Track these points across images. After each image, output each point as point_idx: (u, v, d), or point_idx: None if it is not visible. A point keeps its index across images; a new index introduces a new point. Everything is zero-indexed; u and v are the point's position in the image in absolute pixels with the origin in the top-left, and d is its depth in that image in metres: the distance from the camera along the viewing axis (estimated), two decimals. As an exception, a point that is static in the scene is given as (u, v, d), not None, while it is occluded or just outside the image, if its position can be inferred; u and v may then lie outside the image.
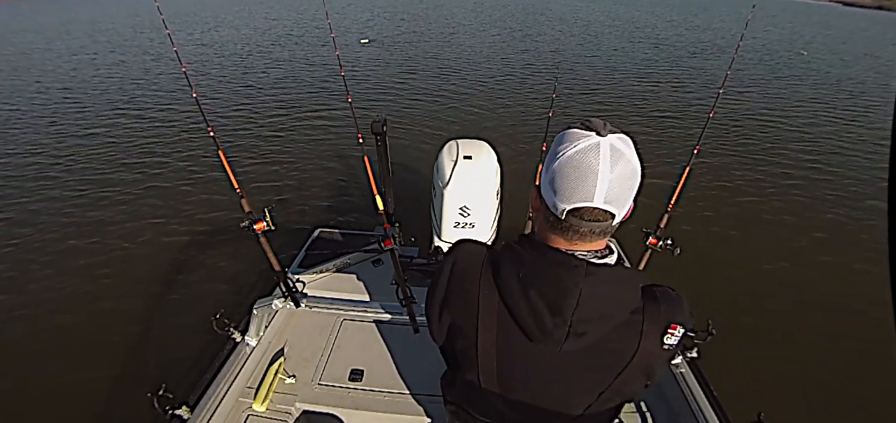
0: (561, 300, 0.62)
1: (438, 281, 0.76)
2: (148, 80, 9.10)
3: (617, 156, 0.58)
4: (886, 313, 0.36)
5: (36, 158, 5.51)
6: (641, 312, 0.66)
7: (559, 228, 0.63)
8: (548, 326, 0.64)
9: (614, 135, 0.59)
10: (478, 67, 9.85)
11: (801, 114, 7.36)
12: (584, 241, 0.64)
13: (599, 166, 0.57)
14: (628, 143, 0.60)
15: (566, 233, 0.63)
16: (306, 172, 4.98)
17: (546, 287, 0.63)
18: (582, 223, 0.61)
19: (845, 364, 2.69)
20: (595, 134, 0.58)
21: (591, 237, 0.63)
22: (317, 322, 1.78)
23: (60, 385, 2.55)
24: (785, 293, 3.29)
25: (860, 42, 15.71)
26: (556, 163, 0.60)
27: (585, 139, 0.58)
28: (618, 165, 0.58)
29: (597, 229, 0.62)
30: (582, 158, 0.58)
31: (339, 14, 18.38)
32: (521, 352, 0.69)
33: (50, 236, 3.90)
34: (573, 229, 0.62)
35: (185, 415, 1.36)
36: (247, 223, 1.61)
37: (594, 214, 0.59)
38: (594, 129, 0.59)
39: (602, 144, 0.57)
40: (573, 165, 0.58)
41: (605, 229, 0.62)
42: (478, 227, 1.98)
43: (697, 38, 14.78)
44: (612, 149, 0.58)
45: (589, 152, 0.58)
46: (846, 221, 4.24)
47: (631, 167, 0.59)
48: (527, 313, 0.65)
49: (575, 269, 0.62)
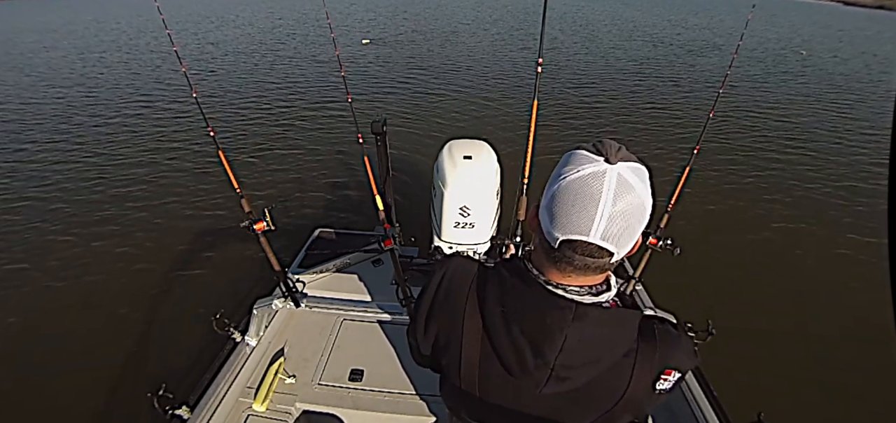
0: (543, 343, 0.58)
1: (424, 295, 0.73)
2: (148, 80, 9.10)
3: (624, 188, 0.51)
4: (886, 313, 0.36)
5: (36, 158, 5.51)
6: (634, 354, 0.61)
7: (552, 257, 0.57)
8: (528, 366, 0.60)
9: (626, 163, 0.52)
10: (478, 67, 9.85)
11: (802, 114, 7.36)
12: (578, 274, 0.58)
13: (601, 198, 0.51)
14: (641, 174, 0.53)
15: (559, 264, 0.57)
16: (306, 172, 4.98)
17: (529, 326, 0.59)
18: (575, 257, 0.55)
19: (845, 364, 2.69)
20: (603, 160, 0.52)
21: (586, 272, 0.57)
22: (317, 322, 1.78)
23: (60, 385, 2.55)
24: (785, 293, 3.29)
25: (861, 42, 15.71)
26: (556, 186, 0.55)
27: (591, 164, 0.52)
28: (623, 198, 0.51)
29: (592, 265, 0.56)
30: (583, 185, 0.52)
31: (340, 14, 18.38)
32: (502, 383, 0.65)
33: (49, 235, 3.90)
34: (566, 261, 0.56)
35: (185, 415, 1.36)
36: (247, 223, 1.62)
37: (589, 249, 0.53)
38: (604, 153, 0.52)
39: (608, 173, 0.51)
40: (573, 192, 0.52)
41: (602, 266, 0.56)
42: (478, 227, 1.98)
43: (697, 37, 14.78)
44: (620, 179, 0.51)
45: (592, 180, 0.51)
46: (846, 220, 4.24)
47: (638, 203, 0.52)
48: (508, 349, 0.61)
49: (562, 311, 0.57)
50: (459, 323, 0.66)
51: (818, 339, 2.90)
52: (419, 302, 0.74)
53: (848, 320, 2.98)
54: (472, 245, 2.04)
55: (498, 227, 2.12)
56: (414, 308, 0.77)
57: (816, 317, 3.08)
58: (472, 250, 2.07)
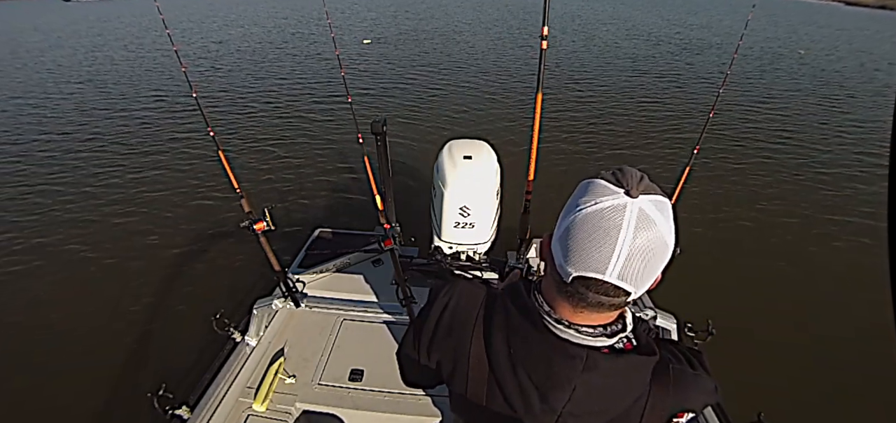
0: (550, 391, 0.55)
1: (427, 321, 0.69)
2: (148, 80, 9.10)
3: (644, 225, 0.47)
4: (886, 313, 0.36)
5: (35, 158, 5.51)
6: (645, 398, 0.58)
7: (564, 292, 0.53)
8: (535, 411, 0.57)
9: (648, 197, 0.48)
10: (478, 67, 9.85)
11: (802, 113, 7.36)
12: (592, 312, 0.54)
13: (620, 235, 0.47)
14: (664, 209, 0.49)
15: (571, 299, 0.53)
16: (306, 172, 4.98)
17: (536, 371, 0.56)
18: (589, 294, 0.51)
19: (845, 364, 2.69)
20: (623, 192, 0.48)
21: (601, 310, 0.53)
22: (317, 322, 1.78)
23: (60, 385, 2.55)
24: (785, 293, 3.30)
25: (861, 41, 15.71)
26: (571, 218, 0.50)
27: (611, 197, 0.48)
28: (643, 235, 0.47)
29: (607, 304, 0.52)
30: (601, 220, 0.48)
31: (342, 14, 18.38)
32: (507, 418, 0.62)
33: (49, 235, 3.90)
34: (579, 297, 0.52)
35: (185, 415, 1.36)
36: (247, 223, 1.62)
37: (604, 288, 0.50)
38: (625, 185, 0.48)
39: (629, 207, 0.47)
40: (589, 227, 0.48)
41: (618, 305, 0.53)
42: (478, 227, 1.98)
43: (697, 37, 14.78)
44: (641, 215, 0.47)
45: (611, 215, 0.47)
46: (847, 220, 4.24)
47: (660, 241, 0.48)
48: (514, 391, 0.58)
49: (572, 361, 0.54)
50: (465, 355, 0.63)
51: (818, 339, 2.90)
52: (420, 326, 0.70)
53: (848, 320, 2.98)
54: (472, 245, 2.04)
55: (498, 229, 2.12)
56: (413, 330, 0.73)
57: (817, 317, 3.08)
58: (472, 250, 2.07)
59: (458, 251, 2.06)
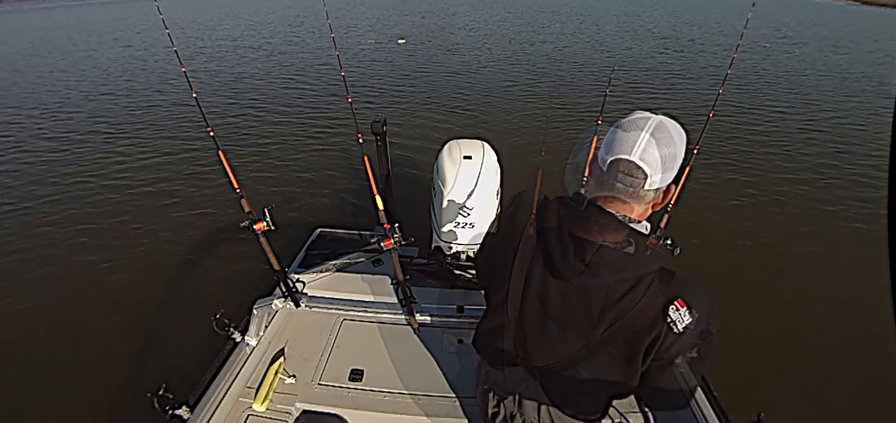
0: (585, 244, 0.74)
1: (501, 217, 0.96)
2: (148, 80, 9.10)
3: (661, 130, 0.69)
4: (886, 313, 0.36)
5: (35, 158, 5.51)
6: (652, 276, 0.74)
7: (600, 183, 0.74)
8: (569, 259, 0.75)
9: (669, 120, 0.71)
10: (478, 67, 9.85)
11: (802, 113, 7.35)
12: (617, 200, 0.74)
13: (643, 130, 0.69)
14: (678, 129, 0.71)
15: (604, 188, 0.74)
16: (306, 172, 4.98)
17: (578, 230, 0.75)
18: (617, 175, 0.71)
19: (846, 364, 2.69)
20: (650, 113, 0.71)
21: (625, 197, 0.73)
22: (317, 322, 1.78)
23: (60, 385, 2.55)
24: (785, 293, 3.29)
25: (862, 40, 15.71)
26: (614, 127, 0.73)
27: (642, 114, 0.72)
28: (659, 135, 0.69)
29: (629, 185, 0.71)
30: (632, 122, 0.71)
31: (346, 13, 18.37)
32: (545, 283, 0.81)
33: (48, 235, 3.90)
34: (610, 183, 0.72)
35: (185, 415, 1.36)
36: (247, 223, 1.62)
37: (629, 166, 0.70)
38: (652, 111, 0.72)
39: (652, 118, 0.70)
40: (624, 128, 0.71)
41: (636, 188, 0.71)
42: (478, 227, 1.98)
43: (697, 36, 14.77)
44: (660, 123, 0.70)
45: (639, 120, 0.71)
46: (847, 220, 4.24)
47: (671, 143, 0.69)
48: (556, 247, 0.77)
49: (605, 223, 0.73)
50: (520, 233, 0.84)
51: (818, 339, 2.90)
52: (487, 233, 1.03)
53: (848, 320, 2.98)
54: (472, 245, 2.04)
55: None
56: (483, 239, 1.05)
57: (817, 317, 3.08)
58: (472, 250, 2.07)
59: (458, 251, 2.06)
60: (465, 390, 1.51)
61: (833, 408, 2.45)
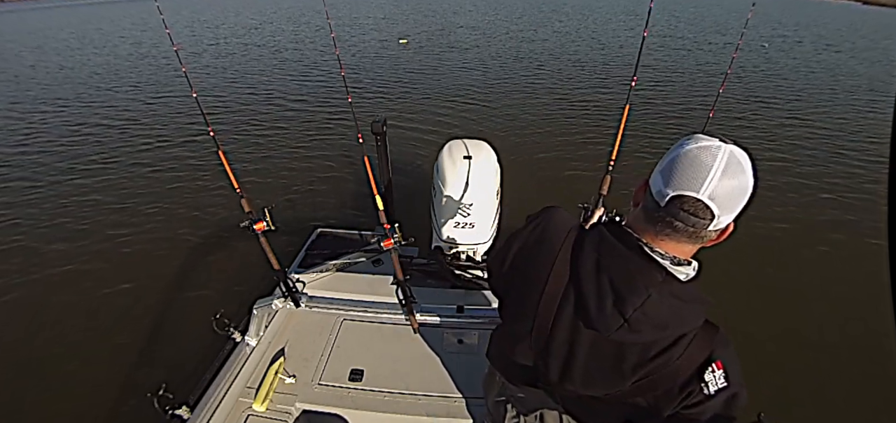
0: (627, 296, 0.64)
1: (521, 232, 0.84)
2: (148, 80, 9.10)
3: (734, 164, 0.59)
4: (886, 313, 0.36)
5: (35, 158, 5.51)
6: (694, 332, 0.67)
7: (653, 219, 0.65)
8: (606, 312, 0.66)
9: (736, 147, 0.61)
10: (478, 67, 9.85)
11: (802, 113, 7.35)
12: (671, 239, 0.65)
13: (714, 165, 0.59)
14: (747, 162, 0.62)
15: (657, 225, 0.65)
16: (306, 172, 4.98)
17: (619, 276, 0.66)
18: (679, 214, 0.62)
19: (846, 364, 2.69)
20: (719, 140, 0.61)
21: (681, 237, 0.64)
22: (317, 322, 1.78)
23: (60, 385, 2.55)
24: (785, 292, 3.29)
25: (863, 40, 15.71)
26: (675, 153, 0.63)
27: (709, 141, 0.61)
28: (731, 170, 0.59)
29: (691, 225, 0.62)
30: (701, 153, 0.60)
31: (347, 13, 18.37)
32: (576, 326, 0.73)
33: (48, 236, 3.90)
34: (667, 221, 0.63)
35: (185, 415, 1.36)
36: (247, 223, 1.62)
37: (696, 206, 0.60)
38: (717, 137, 0.62)
39: (723, 149, 0.60)
40: (690, 158, 0.61)
41: (698, 229, 0.62)
42: (478, 227, 1.98)
43: (697, 36, 14.78)
44: (732, 155, 0.60)
45: (708, 151, 0.60)
46: (847, 220, 4.24)
47: (744, 179, 0.60)
48: (592, 293, 0.68)
49: (652, 272, 0.64)
50: (551, 260, 0.75)
51: (818, 338, 2.89)
52: (515, 236, 0.85)
53: (848, 320, 2.98)
54: (472, 245, 2.04)
55: (498, 228, 2.12)
56: (506, 240, 0.88)
57: (817, 316, 3.07)
58: (472, 250, 2.07)
59: (458, 251, 2.06)
60: (465, 389, 1.51)
61: (833, 408, 2.45)
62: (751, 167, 0.62)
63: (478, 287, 1.91)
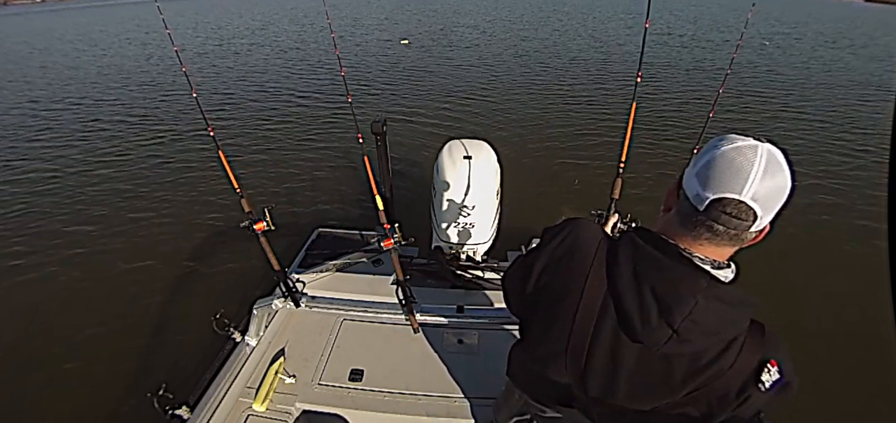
0: (674, 305, 0.61)
1: (543, 249, 0.78)
2: (148, 80, 9.10)
3: (773, 163, 0.58)
4: (886, 313, 0.36)
5: (35, 158, 5.51)
6: (744, 336, 0.66)
7: (691, 223, 0.63)
8: (653, 324, 0.63)
9: (772, 145, 0.60)
10: (478, 67, 9.85)
11: (802, 113, 7.35)
12: (711, 243, 0.63)
13: (754, 165, 0.57)
14: (784, 158, 0.60)
15: (696, 229, 0.63)
16: (306, 172, 4.98)
17: (661, 286, 0.63)
18: (721, 217, 0.60)
19: (845, 363, 2.69)
20: (753, 139, 0.60)
21: (721, 240, 0.62)
22: (317, 322, 1.78)
23: (60, 385, 2.55)
24: (784, 292, 3.29)
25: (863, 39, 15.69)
26: (709, 155, 0.61)
27: (744, 141, 0.60)
28: (772, 169, 0.58)
29: (733, 228, 0.60)
30: (738, 154, 0.59)
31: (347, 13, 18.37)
32: (617, 340, 0.69)
33: (48, 235, 3.90)
34: (707, 225, 0.61)
35: (185, 415, 1.36)
36: (247, 223, 1.61)
37: (739, 208, 0.58)
38: (751, 136, 0.61)
39: (760, 148, 0.59)
40: (728, 159, 0.59)
41: (740, 231, 0.60)
42: (478, 227, 1.98)
43: (697, 36, 14.76)
44: (770, 154, 0.59)
45: (747, 151, 0.58)
46: (847, 219, 4.23)
47: (784, 178, 0.59)
48: (634, 307, 0.65)
49: (696, 278, 0.62)
50: (584, 275, 0.71)
51: (818, 338, 2.89)
52: (536, 255, 0.79)
53: (848, 319, 2.98)
54: (472, 245, 2.04)
55: (498, 228, 2.12)
56: (523, 259, 0.82)
57: (816, 316, 3.07)
58: (472, 250, 2.07)
59: (458, 251, 2.06)
60: (466, 389, 1.51)
61: (833, 408, 2.45)
62: (788, 165, 0.60)
63: (478, 287, 1.91)
